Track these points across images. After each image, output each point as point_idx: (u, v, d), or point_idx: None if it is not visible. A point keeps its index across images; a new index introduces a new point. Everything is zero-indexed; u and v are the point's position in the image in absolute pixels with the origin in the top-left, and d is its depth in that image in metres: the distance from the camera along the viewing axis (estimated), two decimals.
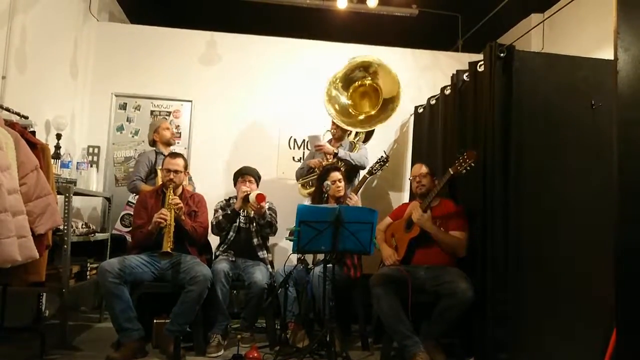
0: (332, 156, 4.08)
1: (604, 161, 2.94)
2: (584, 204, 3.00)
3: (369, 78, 4.20)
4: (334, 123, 4.22)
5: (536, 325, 2.88)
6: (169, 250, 3.06)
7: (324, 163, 4.09)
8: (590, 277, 2.90)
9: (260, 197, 3.47)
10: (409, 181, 3.88)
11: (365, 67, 4.17)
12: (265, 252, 3.71)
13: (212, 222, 3.67)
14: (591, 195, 2.98)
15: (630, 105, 1.30)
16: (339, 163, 4.05)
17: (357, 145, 4.27)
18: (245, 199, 3.56)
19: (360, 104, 4.26)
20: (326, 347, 2.89)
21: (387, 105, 4.13)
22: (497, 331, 2.85)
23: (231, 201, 3.80)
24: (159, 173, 3.94)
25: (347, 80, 4.20)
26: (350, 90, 4.24)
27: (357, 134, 4.35)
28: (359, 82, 4.23)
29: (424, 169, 3.43)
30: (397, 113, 4.12)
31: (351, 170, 4.13)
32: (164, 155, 4.08)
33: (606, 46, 3.98)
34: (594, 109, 3.06)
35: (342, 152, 4.07)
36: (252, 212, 3.63)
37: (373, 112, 4.20)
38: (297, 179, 4.39)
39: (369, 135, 4.46)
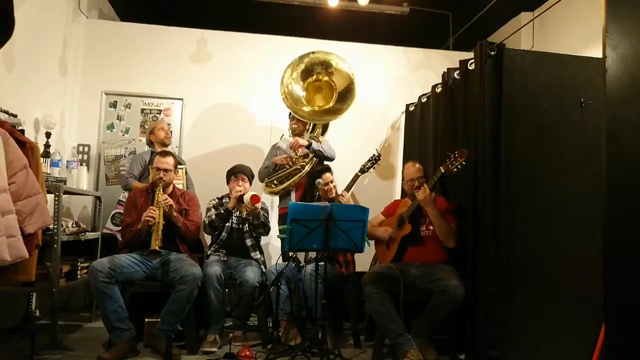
0: (303, 148, 4.03)
1: (593, 159, 2.98)
2: (574, 201, 3.01)
3: (325, 76, 4.15)
4: (294, 118, 4.17)
5: (527, 323, 2.90)
6: (157, 248, 3.05)
7: (293, 158, 4.04)
8: (580, 275, 2.92)
9: (255, 199, 3.44)
10: (400, 179, 3.87)
11: (326, 65, 4.14)
12: (257, 252, 3.70)
13: (204, 221, 3.66)
14: (581, 192, 3.00)
15: (619, 103, 1.31)
16: (309, 156, 4.02)
17: (319, 138, 4.21)
18: (239, 199, 3.53)
19: (313, 99, 4.19)
20: (318, 344, 2.90)
21: (342, 99, 4.10)
22: (488, 328, 2.87)
23: (224, 200, 3.79)
24: (152, 172, 3.93)
25: (305, 73, 4.13)
26: (306, 84, 4.16)
27: (314, 128, 4.26)
28: (315, 77, 4.17)
29: (418, 171, 3.37)
30: (354, 106, 4.10)
31: (321, 162, 4.11)
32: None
33: (595, 44, 4.02)
34: (583, 107, 3.09)
35: (315, 144, 4.04)
36: (245, 212, 3.62)
37: (330, 105, 4.14)
38: (262, 180, 4.20)
39: (324, 129, 4.40)
